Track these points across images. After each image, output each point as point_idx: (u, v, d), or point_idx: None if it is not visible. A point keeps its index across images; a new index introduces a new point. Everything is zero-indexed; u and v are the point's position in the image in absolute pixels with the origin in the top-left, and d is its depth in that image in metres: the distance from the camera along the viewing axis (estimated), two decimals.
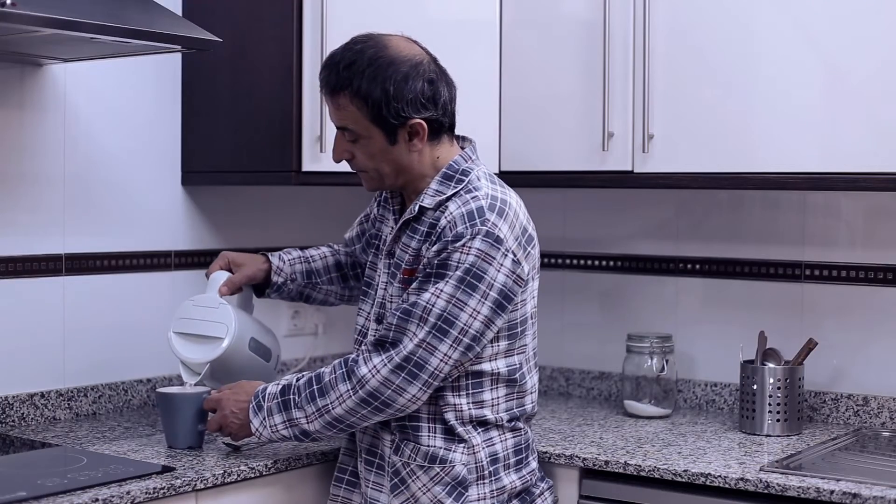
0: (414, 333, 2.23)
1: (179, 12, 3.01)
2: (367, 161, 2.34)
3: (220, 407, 2.41)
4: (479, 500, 2.34)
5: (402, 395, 2.24)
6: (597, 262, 3.33)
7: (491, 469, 2.35)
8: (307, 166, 2.83)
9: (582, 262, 3.33)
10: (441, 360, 2.23)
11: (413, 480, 2.33)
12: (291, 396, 2.32)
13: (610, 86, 2.85)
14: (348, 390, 2.26)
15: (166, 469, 2.33)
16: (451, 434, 2.32)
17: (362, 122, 2.29)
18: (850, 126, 2.59)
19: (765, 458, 2.55)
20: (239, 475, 2.39)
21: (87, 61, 2.81)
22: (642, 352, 3.04)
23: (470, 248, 2.22)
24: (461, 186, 2.32)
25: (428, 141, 2.33)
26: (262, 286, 2.68)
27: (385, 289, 2.39)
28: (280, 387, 2.34)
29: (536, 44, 2.97)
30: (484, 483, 2.35)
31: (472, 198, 2.28)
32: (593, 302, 3.32)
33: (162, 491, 2.24)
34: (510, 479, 2.37)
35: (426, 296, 2.23)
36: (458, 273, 2.22)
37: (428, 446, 2.32)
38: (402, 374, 2.23)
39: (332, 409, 2.28)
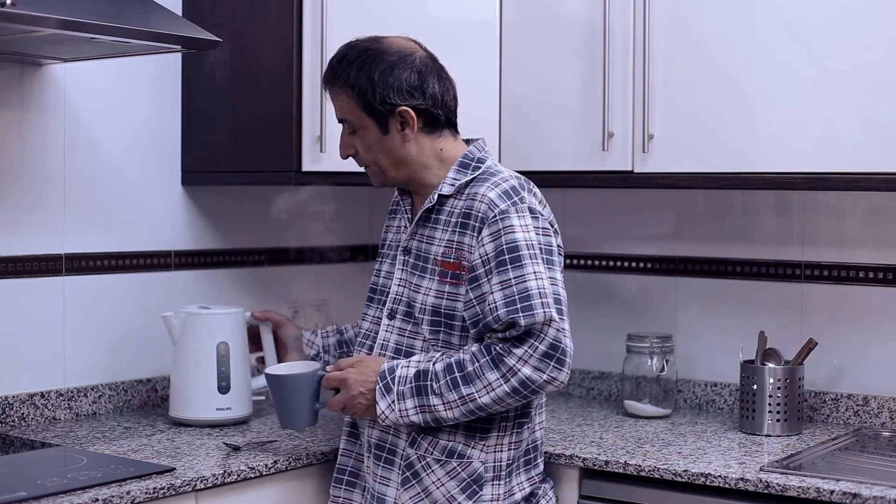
0: (545, 318, 2.22)
1: (179, 12, 3.02)
2: (366, 153, 2.39)
3: (345, 386, 2.33)
4: (491, 501, 2.34)
5: (552, 383, 2.24)
6: (597, 262, 3.33)
7: (507, 470, 2.35)
8: (307, 166, 2.84)
9: (582, 262, 3.33)
10: (570, 339, 2.26)
11: (427, 474, 2.33)
12: (429, 383, 2.27)
13: (610, 86, 2.85)
14: (498, 379, 2.23)
15: (166, 469, 2.33)
16: (472, 431, 2.33)
17: (356, 111, 2.36)
18: (850, 126, 2.59)
19: (765, 458, 2.55)
20: (239, 475, 2.39)
21: (87, 61, 2.81)
22: (642, 352, 3.04)
23: (527, 224, 2.28)
24: (479, 172, 2.37)
25: (425, 132, 2.38)
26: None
27: (403, 286, 2.40)
28: (413, 370, 2.29)
29: (536, 43, 2.97)
30: (500, 483, 2.35)
31: (501, 179, 2.34)
32: (593, 302, 3.32)
33: (162, 491, 2.24)
34: (519, 481, 2.38)
35: (527, 283, 2.24)
36: (534, 251, 2.27)
37: (447, 441, 2.33)
38: (552, 363, 2.23)
39: (479, 397, 2.24)
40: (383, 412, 2.29)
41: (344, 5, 2.82)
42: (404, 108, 2.35)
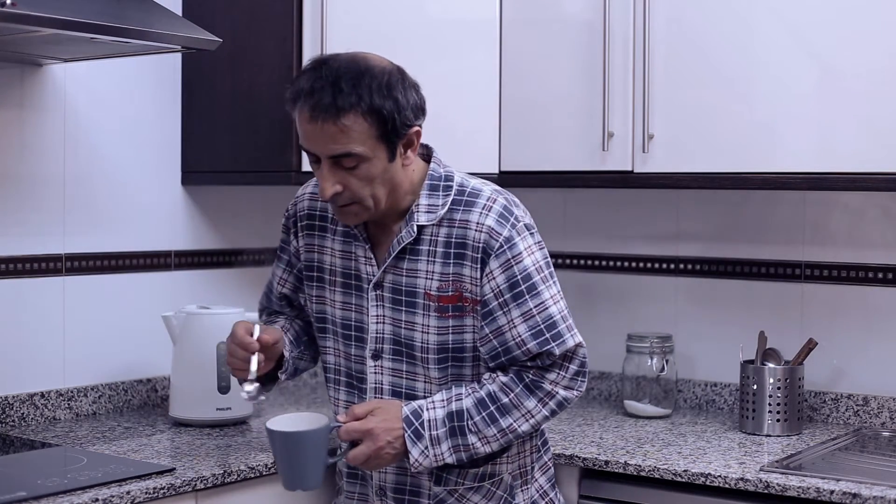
0: (564, 343, 2.17)
1: (179, 12, 3.02)
2: (363, 188, 2.12)
3: (371, 437, 2.13)
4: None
5: (578, 397, 2.22)
6: (597, 262, 3.33)
7: (531, 475, 2.32)
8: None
9: (582, 262, 3.33)
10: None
11: None
12: (465, 423, 2.15)
13: (610, 86, 2.85)
14: (536, 405, 2.17)
15: (166, 469, 2.33)
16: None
17: (369, 142, 2.09)
18: (850, 126, 2.59)
19: (765, 458, 2.55)
20: (239, 475, 2.39)
21: (87, 61, 2.81)
22: (642, 352, 3.04)
23: (531, 246, 2.18)
24: (452, 192, 2.20)
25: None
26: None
27: (384, 322, 2.23)
28: (443, 412, 2.15)
29: (536, 44, 2.97)
30: (527, 488, 2.32)
31: (488, 200, 2.19)
32: (593, 302, 3.32)
33: (162, 491, 2.24)
34: (539, 484, 2.34)
35: (548, 309, 2.17)
36: (544, 273, 2.19)
37: (471, 467, 2.24)
38: (580, 379, 2.20)
39: (519, 427, 2.17)
40: (416, 460, 2.14)
41: (344, 5, 2.82)
42: (417, 128, 2.15)
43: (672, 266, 3.20)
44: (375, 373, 2.25)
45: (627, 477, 2.52)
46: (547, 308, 2.17)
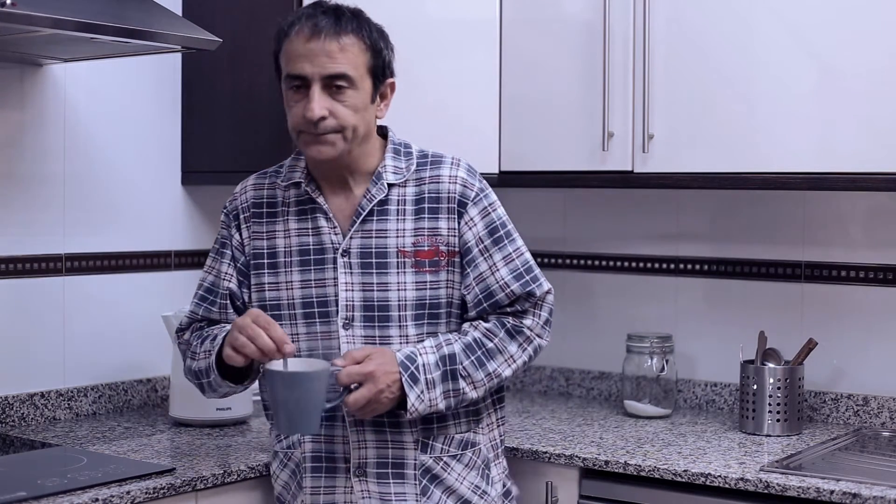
0: (541, 286, 2.29)
1: (179, 12, 3.02)
2: (349, 116, 2.19)
3: (372, 380, 2.13)
4: (498, 481, 2.36)
5: (547, 346, 2.32)
6: (597, 262, 3.33)
7: (500, 448, 2.38)
8: None
9: (582, 262, 3.33)
10: None
11: (448, 473, 2.28)
12: (457, 366, 2.20)
13: (610, 86, 2.85)
14: (517, 350, 2.26)
15: (166, 469, 2.33)
16: (471, 415, 2.31)
17: (360, 68, 2.20)
18: (850, 126, 2.59)
19: (765, 458, 2.55)
20: (239, 475, 2.39)
21: (87, 61, 2.81)
22: (642, 352, 3.04)
23: (496, 200, 2.32)
24: (414, 156, 2.30)
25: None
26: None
27: (353, 289, 2.23)
28: (434, 356, 2.20)
29: (536, 43, 2.97)
30: (499, 462, 2.37)
31: (453, 159, 2.31)
32: (593, 302, 3.32)
33: (162, 491, 2.24)
34: (502, 458, 2.41)
35: (524, 255, 2.30)
36: (511, 224, 2.32)
37: (459, 433, 2.29)
38: (549, 328, 2.32)
39: (503, 371, 2.25)
40: (412, 404, 2.16)
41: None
42: (393, 81, 2.28)
43: (672, 266, 3.20)
44: (347, 342, 2.24)
45: (627, 477, 2.52)
46: (522, 253, 2.30)
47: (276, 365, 2.10)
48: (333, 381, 2.14)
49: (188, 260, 3.13)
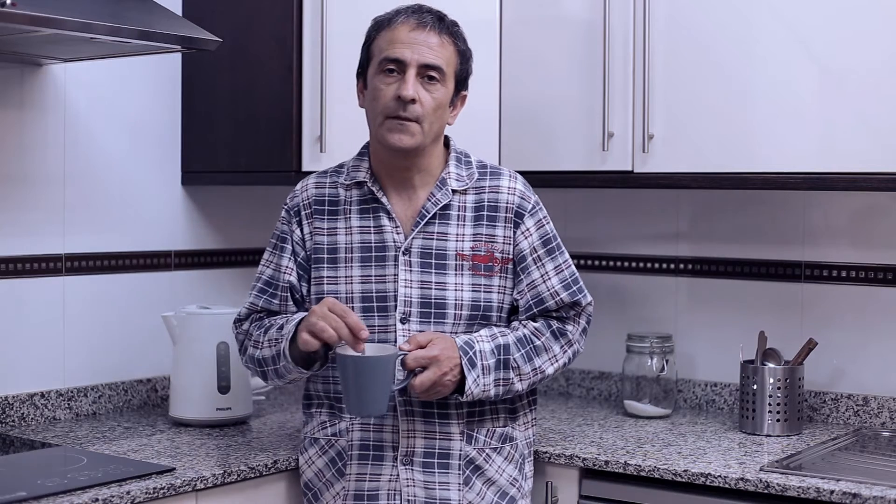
0: (586, 297, 2.44)
1: (179, 12, 3.02)
2: (431, 109, 2.31)
3: (437, 364, 2.23)
4: (530, 478, 2.47)
5: (582, 352, 2.46)
6: (597, 262, 3.33)
7: (534, 447, 2.49)
8: (307, 166, 2.83)
9: (582, 262, 3.33)
10: None
11: (489, 465, 2.37)
12: (510, 356, 2.32)
13: (610, 86, 2.85)
14: (560, 350, 2.39)
15: (166, 469, 2.33)
16: (511, 412, 2.42)
17: (451, 68, 2.34)
18: (850, 126, 2.59)
19: (765, 458, 2.55)
20: (239, 475, 2.39)
21: (87, 61, 2.81)
22: (642, 352, 3.04)
23: (547, 214, 2.46)
24: (474, 166, 2.42)
25: None
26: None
27: (412, 286, 2.33)
28: (490, 345, 2.31)
29: (536, 43, 2.97)
30: (531, 460, 2.48)
31: (510, 172, 2.45)
32: (593, 302, 3.31)
33: (162, 491, 2.24)
34: (531, 462, 2.51)
35: (572, 266, 2.44)
36: (559, 237, 2.45)
37: (500, 427, 2.40)
38: (585, 336, 2.46)
39: (546, 368, 2.37)
40: (469, 387, 2.27)
41: (343, 5, 2.82)
42: (466, 94, 2.42)
43: (672, 266, 3.20)
44: (404, 336, 2.32)
45: (627, 477, 2.52)
46: (570, 265, 2.45)
47: (349, 350, 2.20)
48: (399, 366, 2.24)
49: (188, 260, 3.14)
